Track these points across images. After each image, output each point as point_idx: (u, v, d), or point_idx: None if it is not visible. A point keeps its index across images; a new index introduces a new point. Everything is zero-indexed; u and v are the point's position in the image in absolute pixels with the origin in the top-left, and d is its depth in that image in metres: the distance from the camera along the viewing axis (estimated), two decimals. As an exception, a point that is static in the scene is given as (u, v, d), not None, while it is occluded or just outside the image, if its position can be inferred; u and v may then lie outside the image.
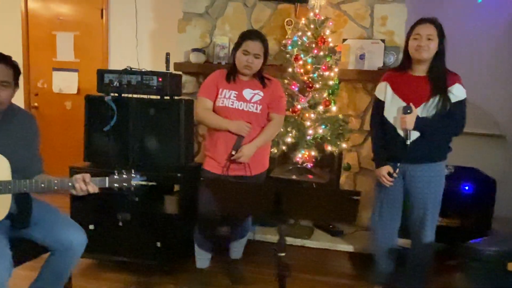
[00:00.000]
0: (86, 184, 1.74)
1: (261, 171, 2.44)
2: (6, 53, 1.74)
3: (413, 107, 2.09)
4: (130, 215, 2.53)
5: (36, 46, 4.33)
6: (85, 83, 4.27)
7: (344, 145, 2.78)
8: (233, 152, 2.26)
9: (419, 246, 2.28)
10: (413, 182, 2.20)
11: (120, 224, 2.52)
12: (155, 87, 2.54)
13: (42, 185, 1.72)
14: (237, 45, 2.30)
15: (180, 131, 2.54)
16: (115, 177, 1.86)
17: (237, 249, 2.62)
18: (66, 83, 4.33)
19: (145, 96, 2.58)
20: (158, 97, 2.58)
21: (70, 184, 1.75)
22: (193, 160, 2.80)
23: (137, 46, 4.05)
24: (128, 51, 4.07)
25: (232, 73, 2.36)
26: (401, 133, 2.15)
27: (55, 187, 1.74)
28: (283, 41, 3.05)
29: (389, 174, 2.17)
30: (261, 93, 2.36)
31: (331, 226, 3.02)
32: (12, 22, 4.28)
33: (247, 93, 2.35)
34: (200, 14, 3.26)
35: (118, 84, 2.54)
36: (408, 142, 2.11)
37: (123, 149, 2.58)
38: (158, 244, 2.53)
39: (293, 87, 2.76)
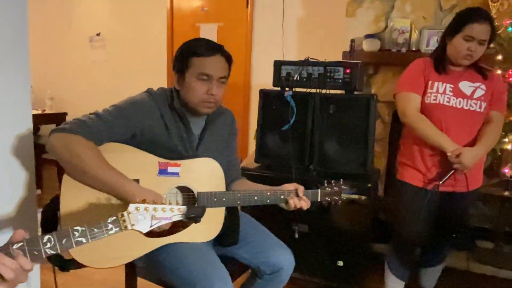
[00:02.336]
0: (300, 199, 1.45)
1: (477, 186, 1.94)
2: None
3: None
4: (308, 227, 2.23)
5: (180, 39, 4.26)
6: (227, 76, 4.14)
7: None
8: (439, 182, 1.81)
9: None
10: None
11: (296, 236, 2.22)
12: (340, 80, 2.18)
13: (255, 197, 1.46)
14: (455, 29, 1.81)
15: (369, 133, 2.14)
16: (327, 189, 1.55)
17: (431, 277, 2.16)
18: (207, 76, 4.23)
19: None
20: (339, 92, 2.23)
21: (282, 197, 1.48)
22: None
23: (283, 36, 3.77)
24: (273, 41, 3.81)
25: (441, 63, 1.89)
26: None
27: (268, 201, 1.47)
28: (486, 22, 2.46)
29: None
30: (484, 87, 1.86)
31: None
32: (158, 17, 4.31)
33: (464, 86, 1.87)
34: (375, -5, 2.82)
35: (298, 77, 2.23)
36: None
37: (299, 151, 2.27)
38: (340, 263, 2.18)
39: (511, 79, 2.18)
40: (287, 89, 2.24)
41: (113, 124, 1.29)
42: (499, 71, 2.23)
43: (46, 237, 0.88)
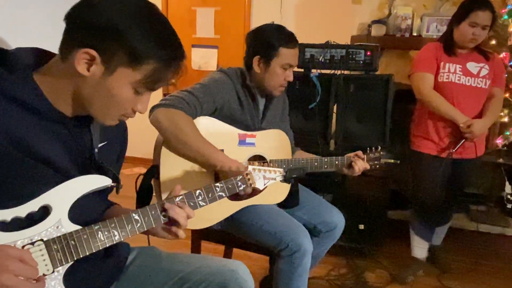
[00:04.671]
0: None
1: (482, 152, 2.25)
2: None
3: None
4: (332, 196, 2.46)
5: (176, 23, 4.28)
6: (225, 60, 4.25)
7: None
8: (452, 150, 2.09)
9: None
10: None
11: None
12: (362, 62, 2.40)
13: (316, 163, 1.65)
14: (462, 16, 2.08)
15: (387, 109, 2.39)
16: (371, 155, 1.77)
17: (439, 235, 2.46)
18: (205, 60, 4.32)
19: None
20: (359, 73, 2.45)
21: (337, 162, 1.68)
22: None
23: (282, 21, 3.92)
24: (271, 26, 3.96)
25: (450, 46, 2.16)
26: None
27: (325, 166, 1.67)
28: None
29: None
30: (487, 67, 2.15)
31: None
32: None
33: (471, 66, 2.16)
34: (379, -17, 3.05)
35: (322, 59, 2.43)
36: None
37: (322, 128, 2.48)
38: (361, 226, 2.44)
39: (506, 61, 2.50)
40: (313, 70, 2.43)
41: (203, 101, 1.43)
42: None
43: (197, 191, 1.03)
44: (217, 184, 1.08)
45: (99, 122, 0.88)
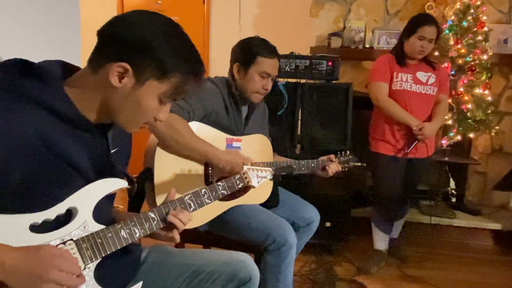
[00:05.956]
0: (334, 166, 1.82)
1: (432, 152, 2.52)
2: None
3: None
4: (301, 196, 2.60)
5: (134, 32, 4.31)
6: (185, 69, 4.28)
7: (497, 127, 2.86)
8: (407, 150, 2.34)
9: None
10: None
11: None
12: (324, 71, 2.59)
13: (294, 166, 1.79)
14: (411, 30, 2.35)
15: (348, 116, 2.59)
16: (341, 159, 1.94)
17: (397, 228, 2.70)
18: (165, 69, 4.33)
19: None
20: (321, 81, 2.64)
21: (313, 165, 1.83)
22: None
23: (240, 32, 4.06)
24: (230, 37, 4.07)
25: (401, 57, 2.42)
26: None
27: (303, 169, 1.81)
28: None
29: None
30: (434, 76, 2.43)
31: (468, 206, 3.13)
32: (106, 6, 4.22)
33: (421, 75, 2.43)
34: (334, -1, 3.28)
35: (288, 69, 2.59)
36: None
37: (289, 133, 2.63)
38: (328, 224, 2.61)
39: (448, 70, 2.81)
40: (280, 79, 2.58)
41: (195, 107, 1.52)
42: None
43: (203, 190, 1.12)
44: (219, 183, 1.17)
45: (124, 129, 0.94)
